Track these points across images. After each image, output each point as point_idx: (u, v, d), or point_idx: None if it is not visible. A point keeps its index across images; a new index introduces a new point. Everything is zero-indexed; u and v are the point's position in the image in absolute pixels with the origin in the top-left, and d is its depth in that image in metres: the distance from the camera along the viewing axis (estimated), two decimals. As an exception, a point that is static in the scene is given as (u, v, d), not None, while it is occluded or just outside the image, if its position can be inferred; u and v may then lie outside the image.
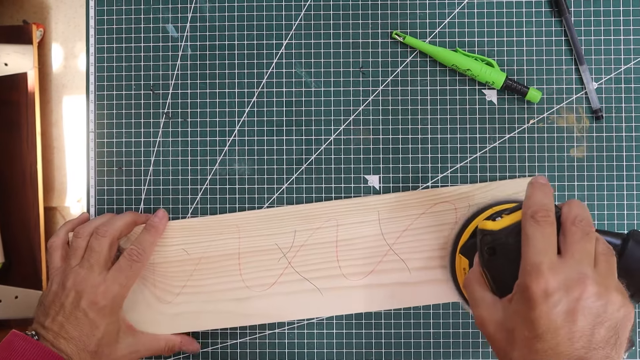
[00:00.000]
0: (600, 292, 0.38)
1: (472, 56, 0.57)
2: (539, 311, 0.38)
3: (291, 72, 0.60)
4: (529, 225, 0.41)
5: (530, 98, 0.57)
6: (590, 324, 0.37)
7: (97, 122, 0.61)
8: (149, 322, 0.58)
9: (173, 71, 0.60)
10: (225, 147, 0.60)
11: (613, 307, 0.38)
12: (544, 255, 0.39)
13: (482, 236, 0.44)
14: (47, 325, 0.51)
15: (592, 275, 0.38)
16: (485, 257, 0.43)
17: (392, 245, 0.57)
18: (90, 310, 0.51)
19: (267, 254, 0.58)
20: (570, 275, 0.38)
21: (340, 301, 0.57)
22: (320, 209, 0.58)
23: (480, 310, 0.43)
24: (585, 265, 0.39)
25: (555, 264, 0.39)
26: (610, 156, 0.58)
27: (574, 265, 0.39)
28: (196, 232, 0.58)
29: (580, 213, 0.41)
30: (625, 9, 0.58)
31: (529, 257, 0.40)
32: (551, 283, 0.38)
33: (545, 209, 0.41)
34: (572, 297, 0.38)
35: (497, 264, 0.43)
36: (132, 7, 0.61)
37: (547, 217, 0.40)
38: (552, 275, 0.38)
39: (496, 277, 0.43)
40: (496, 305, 0.42)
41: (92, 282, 0.52)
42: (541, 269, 0.38)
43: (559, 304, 0.38)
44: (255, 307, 0.57)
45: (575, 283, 0.38)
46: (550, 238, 0.40)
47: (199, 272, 0.58)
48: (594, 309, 0.38)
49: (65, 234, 0.57)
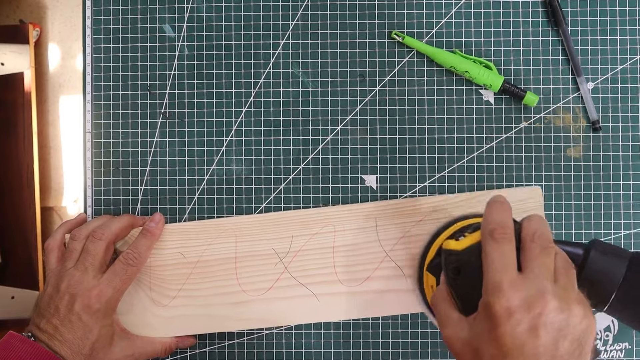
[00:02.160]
0: (561, 306, 0.38)
1: (471, 58, 0.57)
2: (503, 329, 0.38)
3: (288, 72, 0.60)
4: (487, 244, 0.41)
5: (527, 102, 0.57)
6: (553, 338, 0.38)
7: (94, 122, 0.61)
8: (145, 325, 0.58)
9: (170, 71, 0.60)
10: (222, 147, 0.60)
11: (575, 320, 0.38)
12: (503, 273, 0.39)
13: (446, 256, 0.44)
14: (42, 327, 0.51)
15: (552, 289, 0.39)
16: (451, 276, 0.44)
17: (389, 252, 0.57)
18: (84, 314, 0.51)
19: (263, 258, 0.57)
20: (530, 291, 0.39)
21: (337, 307, 0.57)
22: (318, 214, 0.58)
23: (447, 329, 0.43)
24: (545, 281, 0.39)
25: (515, 281, 0.39)
26: (607, 156, 0.58)
27: (534, 280, 0.39)
28: (193, 236, 0.58)
29: (538, 228, 0.41)
30: (621, 9, 0.58)
31: (490, 276, 0.40)
32: (512, 301, 0.38)
33: (502, 226, 0.41)
34: (534, 313, 0.38)
35: (462, 283, 0.43)
36: (129, 7, 0.61)
37: (505, 235, 0.41)
38: (513, 293, 0.38)
39: (462, 296, 0.43)
40: (462, 324, 0.42)
41: (87, 285, 0.52)
42: (502, 287, 0.39)
43: (522, 321, 0.38)
44: (251, 311, 0.57)
45: (536, 299, 0.38)
46: (508, 255, 0.40)
47: (196, 275, 0.58)
48: (556, 323, 0.38)
49: (62, 236, 0.57)
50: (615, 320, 0.58)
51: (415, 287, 0.56)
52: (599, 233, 0.58)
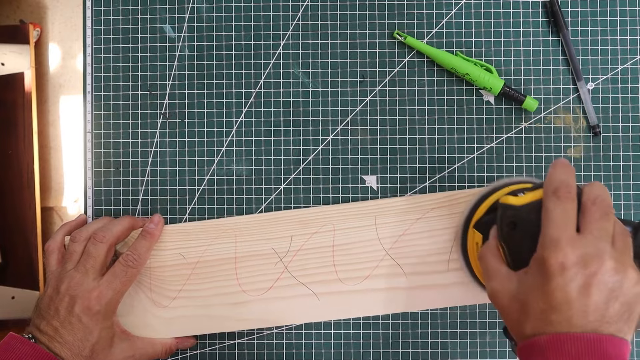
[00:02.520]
0: (617, 267, 0.38)
1: (472, 60, 0.57)
2: (555, 283, 0.38)
3: (289, 73, 0.60)
4: (550, 200, 0.41)
5: (526, 106, 0.57)
6: (605, 298, 0.38)
7: (94, 122, 0.61)
8: (145, 326, 0.57)
9: (170, 72, 0.60)
10: (222, 148, 0.60)
11: (629, 283, 0.38)
12: (563, 230, 0.40)
13: (503, 210, 0.44)
14: (42, 328, 0.51)
15: (610, 251, 0.39)
16: (505, 230, 0.44)
17: (389, 250, 0.57)
18: (84, 316, 0.51)
19: (263, 258, 0.57)
20: (588, 250, 0.39)
21: (337, 306, 0.57)
22: (317, 213, 0.58)
23: (494, 282, 0.43)
24: (604, 242, 0.39)
25: (574, 238, 0.39)
26: (607, 156, 0.58)
27: (592, 241, 0.39)
28: (193, 237, 0.58)
29: (600, 194, 0.41)
30: (621, 9, 0.58)
31: (549, 231, 0.40)
32: (569, 257, 0.38)
33: (567, 185, 0.41)
34: (589, 271, 0.38)
35: (516, 238, 0.43)
36: (129, 7, 0.61)
37: (568, 194, 0.41)
38: (570, 249, 0.39)
39: (514, 251, 0.43)
40: (511, 278, 0.42)
41: (86, 287, 0.52)
42: (560, 243, 0.39)
43: (575, 278, 0.38)
44: (252, 311, 0.57)
45: (593, 258, 0.38)
46: (570, 214, 0.40)
47: (196, 276, 0.58)
48: (609, 283, 0.38)
49: (62, 237, 0.57)
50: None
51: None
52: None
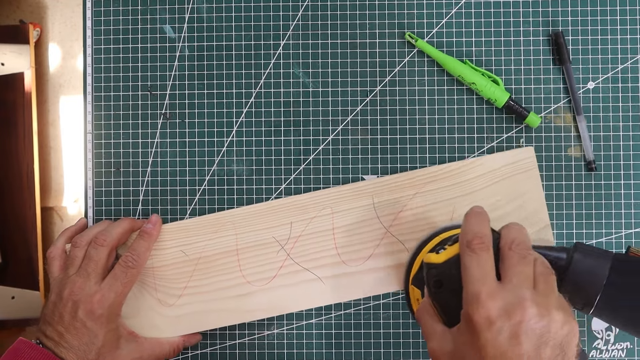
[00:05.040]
0: (541, 312, 0.38)
1: (480, 70, 0.57)
2: (484, 339, 0.38)
3: (289, 73, 0.60)
4: (465, 254, 0.41)
5: (529, 122, 0.57)
6: (534, 345, 0.38)
7: (95, 122, 0.61)
8: (153, 326, 0.58)
9: (170, 72, 0.60)
10: (223, 148, 0.60)
11: (556, 325, 0.38)
12: (482, 283, 0.40)
13: (427, 269, 0.45)
14: (48, 334, 0.51)
15: (531, 297, 0.39)
16: (433, 290, 0.44)
17: (389, 228, 0.57)
18: (87, 320, 0.51)
19: (265, 247, 0.58)
20: (509, 300, 0.39)
21: (343, 288, 0.57)
22: (314, 198, 0.58)
23: (432, 342, 0.43)
24: (524, 289, 0.39)
25: (494, 290, 0.39)
26: (607, 156, 0.58)
27: (512, 289, 0.39)
28: (192, 233, 0.58)
29: (517, 237, 0.42)
30: (621, 8, 0.58)
31: (469, 287, 0.40)
32: (492, 311, 0.38)
33: (479, 236, 0.41)
34: (514, 321, 0.38)
35: (444, 296, 0.43)
36: (129, 7, 0.61)
37: (482, 244, 0.41)
38: (492, 303, 0.38)
39: (445, 308, 0.43)
40: (446, 336, 0.42)
41: (88, 291, 0.52)
42: (480, 298, 0.39)
43: (502, 330, 0.38)
44: (258, 301, 0.57)
45: (515, 307, 0.38)
46: (486, 265, 0.40)
47: (199, 272, 0.58)
48: (537, 329, 0.38)
49: (63, 243, 0.57)
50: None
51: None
52: (599, 232, 0.58)
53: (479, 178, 0.57)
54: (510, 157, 0.57)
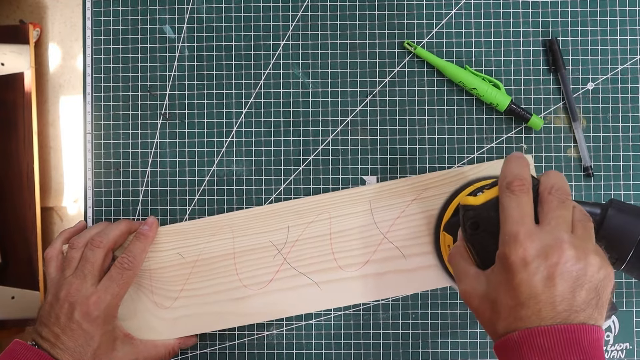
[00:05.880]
0: (578, 255, 0.38)
1: (480, 75, 0.57)
2: (519, 279, 0.38)
3: (289, 73, 0.60)
4: (504, 196, 0.41)
5: (532, 124, 0.57)
6: (570, 287, 0.38)
7: (94, 122, 0.61)
8: (149, 328, 0.58)
9: (170, 72, 0.60)
10: (222, 148, 0.60)
11: (592, 269, 0.38)
12: (520, 224, 0.39)
13: (464, 212, 0.45)
14: (44, 335, 0.51)
15: (569, 239, 0.39)
16: (469, 232, 0.44)
17: (386, 234, 0.57)
18: (83, 321, 0.51)
19: (262, 251, 0.58)
20: (547, 241, 0.39)
21: (339, 293, 0.57)
22: (312, 202, 0.58)
23: (464, 283, 0.43)
24: (562, 231, 0.39)
25: (532, 231, 0.39)
26: (607, 156, 0.58)
27: (551, 231, 0.39)
28: (189, 236, 0.58)
29: (556, 182, 0.41)
30: (621, 9, 0.58)
31: (506, 227, 0.40)
32: (529, 250, 0.38)
33: (519, 178, 0.41)
34: (550, 262, 0.38)
35: (480, 237, 0.43)
36: (129, 7, 0.61)
37: (522, 187, 0.41)
38: (529, 243, 0.38)
39: (480, 250, 0.43)
40: (479, 278, 0.42)
41: (85, 292, 0.52)
42: (518, 238, 0.39)
43: (538, 271, 0.38)
44: (254, 305, 0.57)
45: (552, 249, 0.38)
46: (525, 207, 0.40)
47: (196, 275, 0.58)
48: (573, 272, 0.38)
49: (60, 244, 0.57)
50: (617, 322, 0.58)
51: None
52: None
53: None
54: None
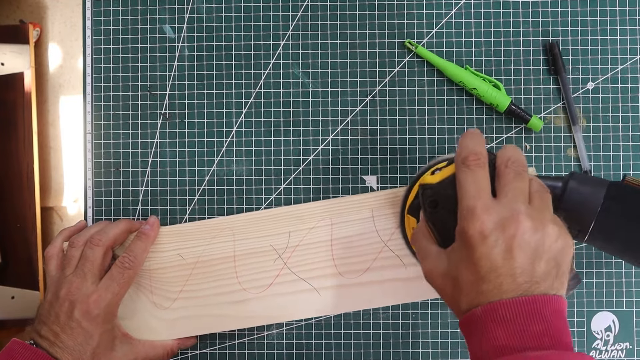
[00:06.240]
0: (535, 225, 0.38)
1: (480, 76, 0.57)
2: (479, 253, 0.38)
3: (289, 73, 0.60)
4: (460, 171, 0.41)
5: (531, 126, 0.57)
6: (529, 258, 0.38)
7: (94, 122, 0.61)
8: (148, 328, 0.58)
9: (170, 72, 0.60)
10: (222, 148, 0.60)
11: (550, 239, 0.38)
12: (477, 198, 0.39)
13: (423, 191, 0.45)
14: (43, 334, 0.51)
15: (526, 210, 0.39)
16: (428, 210, 0.44)
17: (387, 242, 0.57)
18: (83, 320, 0.51)
19: (262, 255, 0.57)
20: (504, 214, 0.39)
21: (338, 300, 0.57)
22: (314, 208, 0.58)
23: (427, 263, 0.43)
24: (519, 203, 0.39)
25: (489, 205, 0.39)
26: (607, 156, 0.58)
27: (507, 204, 0.39)
28: (190, 237, 0.58)
29: (512, 155, 0.41)
30: (621, 9, 0.58)
31: (464, 202, 0.40)
32: (486, 224, 0.38)
33: (474, 152, 0.41)
34: (508, 234, 0.38)
35: (439, 215, 0.43)
36: (129, 7, 0.61)
37: (477, 161, 0.41)
38: (486, 216, 0.38)
39: (440, 228, 0.43)
40: (441, 256, 0.42)
41: (85, 291, 0.52)
42: (475, 212, 0.39)
43: (497, 243, 0.38)
44: (253, 309, 0.57)
45: (509, 221, 0.38)
46: (481, 181, 0.40)
47: (195, 276, 0.58)
48: (531, 243, 0.38)
49: (60, 243, 0.57)
50: (617, 322, 0.58)
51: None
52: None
53: None
54: None
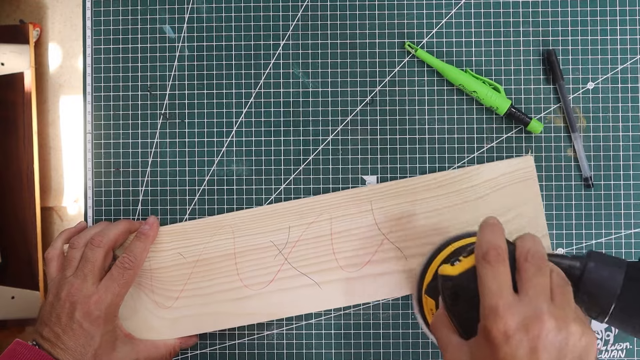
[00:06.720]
0: (559, 325, 0.38)
1: (480, 79, 0.57)
2: (503, 353, 0.38)
3: (289, 73, 0.60)
4: (481, 267, 0.41)
5: (531, 129, 0.57)
6: (554, 358, 0.37)
7: (94, 122, 0.61)
8: (149, 328, 0.58)
9: (170, 72, 0.60)
10: (223, 148, 0.60)
11: (574, 338, 0.38)
12: (499, 296, 0.39)
13: (443, 281, 0.44)
14: (44, 335, 0.51)
15: (549, 309, 0.38)
16: (449, 302, 0.43)
17: (387, 234, 0.57)
18: (84, 321, 0.51)
19: (262, 251, 0.58)
20: (527, 313, 0.38)
21: (340, 293, 0.57)
22: (313, 203, 0.58)
23: (448, 353, 0.43)
24: (541, 301, 0.39)
25: (511, 303, 0.39)
26: (607, 156, 0.58)
27: (530, 302, 0.39)
28: (190, 235, 0.58)
29: (532, 247, 0.41)
30: (621, 9, 0.58)
31: (486, 300, 0.40)
32: (509, 324, 0.38)
33: (494, 247, 0.41)
34: (532, 335, 0.38)
35: (460, 308, 0.43)
36: (129, 7, 0.61)
37: (498, 256, 0.41)
38: (509, 316, 0.38)
39: (461, 320, 0.43)
40: (462, 348, 0.42)
41: (86, 292, 0.52)
42: (498, 311, 0.38)
43: (521, 344, 0.38)
44: (255, 305, 0.57)
45: (533, 321, 0.38)
46: (503, 277, 0.40)
47: (196, 274, 0.58)
48: (555, 343, 0.38)
49: (61, 244, 0.57)
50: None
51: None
52: (599, 233, 0.58)
53: (479, 186, 0.57)
54: (509, 165, 0.57)
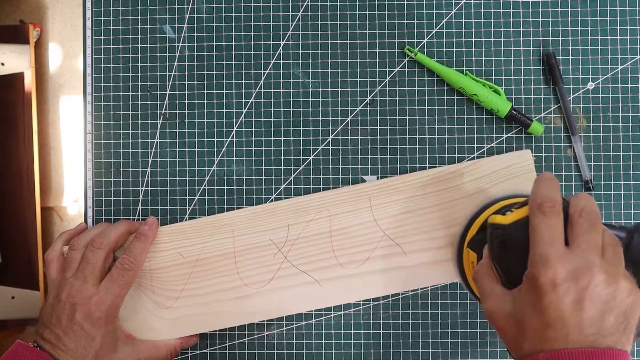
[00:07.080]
0: (608, 279, 0.38)
1: (481, 81, 0.57)
2: (548, 301, 0.38)
3: (289, 73, 0.60)
4: (535, 217, 0.41)
5: (532, 131, 0.57)
6: (599, 311, 0.38)
7: (94, 122, 0.61)
8: (150, 329, 0.58)
9: (170, 72, 0.60)
10: (223, 148, 0.60)
11: (622, 294, 0.38)
12: (551, 245, 0.39)
13: (492, 230, 0.44)
14: (45, 337, 0.51)
15: (600, 263, 0.39)
16: (496, 250, 0.44)
17: (386, 231, 0.57)
18: (85, 323, 0.51)
19: (262, 250, 0.58)
20: (578, 264, 0.38)
21: (340, 291, 0.57)
22: (312, 200, 0.58)
23: (489, 302, 0.43)
24: (593, 255, 0.39)
25: (562, 254, 0.39)
26: (607, 156, 0.58)
27: (581, 254, 0.39)
28: (189, 235, 0.58)
29: (587, 205, 0.41)
30: (621, 9, 0.58)
31: (537, 248, 0.40)
32: (559, 273, 0.38)
33: (551, 200, 0.41)
34: (580, 285, 0.38)
35: (507, 257, 0.43)
36: (129, 7, 0.61)
37: (553, 208, 0.40)
38: (560, 265, 0.38)
39: (507, 270, 0.43)
40: (505, 297, 0.42)
41: (86, 293, 0.52)
42: (549, 260, 0.39)
43: (568, 294, 0.38)
44: (255, 304, 0.57)
45: (583, 272, 0.38)
46: (556, 229, 0.40)
47: (196, 274, 0.58)
48: (602, 296, 0.38)
49: (61, 246, 0.57)
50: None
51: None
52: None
53: (478, 180, 0.57)
54: (508, 159, 0.57)
